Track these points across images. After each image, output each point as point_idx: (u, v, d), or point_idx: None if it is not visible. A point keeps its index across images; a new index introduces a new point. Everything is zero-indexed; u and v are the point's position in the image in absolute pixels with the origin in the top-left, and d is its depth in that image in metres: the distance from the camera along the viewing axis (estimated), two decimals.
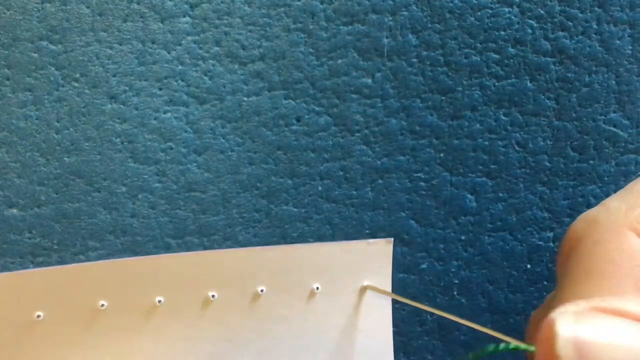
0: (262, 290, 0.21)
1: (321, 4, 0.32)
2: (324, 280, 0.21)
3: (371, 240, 0.21)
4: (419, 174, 0.33)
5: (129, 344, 0.21)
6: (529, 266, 0.35)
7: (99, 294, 0.20)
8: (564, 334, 0.15)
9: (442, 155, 0.33)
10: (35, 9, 0.31)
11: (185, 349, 0.21)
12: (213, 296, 0.20)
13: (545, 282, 0.35)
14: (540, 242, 0.35)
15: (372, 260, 0.21)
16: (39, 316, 0.20)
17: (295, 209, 0.33)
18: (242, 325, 0.21)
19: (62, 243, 0.32)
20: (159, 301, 0.20)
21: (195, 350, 0.21)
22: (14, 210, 0.32)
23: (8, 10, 0.31)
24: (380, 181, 0.33)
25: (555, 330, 0.15)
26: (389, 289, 0.21)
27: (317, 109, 0.32)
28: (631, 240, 0.17)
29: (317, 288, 0.21)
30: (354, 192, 0.33)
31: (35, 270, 0.20)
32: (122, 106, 0.32)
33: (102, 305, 0.20)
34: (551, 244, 0.35)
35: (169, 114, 0.32)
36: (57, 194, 0.32)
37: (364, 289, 0.21)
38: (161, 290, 0.21)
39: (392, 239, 0.21)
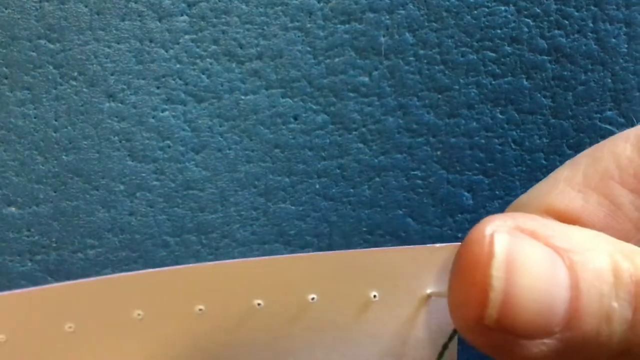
0: (313, 299, 0.19)
1: (318, 2, 0.32)
2: (383, 288, 0.19)
3: (438, 245, 0.19)
4: (415, 172, 0.34)
5: (165, 353, 0.20)
6: None
7: (135, 304, 0.19)
8: (500, 248, 0.16)
9: (438, 153, 0.33)
10: (33, 8, 0.31)
11: (227, 358, 0.20)
12: (259, 304, 0.19)
13: None
14: None
15: (438, 267, 0.19)
16: (70, 327, 0.19)
17: (292, 207, 0.33)
18: (289, 334, 0.19)
19: (61, 241, 0.32)
20: (200, 310, 0.20)
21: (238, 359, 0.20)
22: (12, 209, 0.32)
23: (6, 9, 0.31)
24: (377, 179, 0.33)
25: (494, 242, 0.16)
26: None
27: (314, 107, 0.33)
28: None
29: (375, 296, 0.19)
30: (351, 190, 0.33)
31: (65, 284, 0.20)
32: (120, 105, 0.32)
33: (139, 315, 0.19)
34: None
35: (166, 113, 0.32)
36: (55, 192, 0.32)
37: (427, 297, 0.19)
38: (202, 300, 0.20)
39: (460, 243, 0.19)
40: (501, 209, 0.35)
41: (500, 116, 0.34)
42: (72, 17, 0.31)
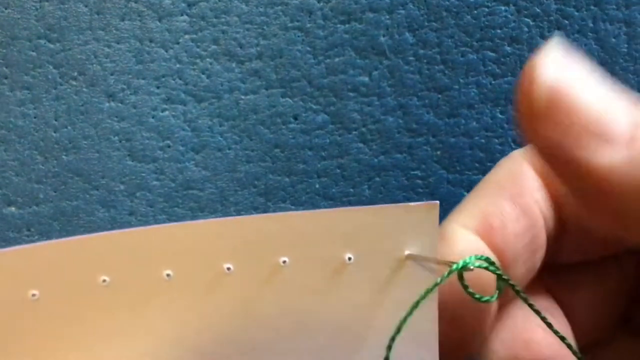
0: (284, 262, 0.18)
1: (318, 2, 0.32)
2: (357, 250, 0.18)
3: (412, 204, 0.18)
4: (415, 172, 0.34)
5: (132, 320, 0.19)
6: None
7: (100, 270, 0.19)
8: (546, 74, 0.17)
9: (438, 153, 0.33)
10: (34, 8, 0.31)
11: (195, 326, 0.19)
12: (228, 269, 0.18)
13: None
14: None
15: (413, 227, 0.18)
16: (34, 295, 0.18)
17: (292, 207, 0.33)
18: (260, 299, 0.19)
19: None
20: (168, 275, 0.19)
21: (207, 326, 0.19)
22: (13, 208, 0.32)
23: (6, 9, 0.31)
24: (377, 179, 0.33)
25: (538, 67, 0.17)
26: (435, 259, 0.19)
27: (314, 107, 0.33)
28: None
29: (350, 259, 0.18)
30: (351, 190, 0.33)
31: (30, 246, 0.19)
32: (120, 104, 0.32)
33: (104, 281, 0.19)
34: None
35: (166, 112, 0.32)
36: (55, 192, 0.32)
37: (404, 259, 0.19)
38: (169, 263, 0.19)
39: (437, 202, 0.18)
40: None
41: (500, 116, 0.34)
42: (72, 17, 0.31)
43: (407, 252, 0.18)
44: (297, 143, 0.33)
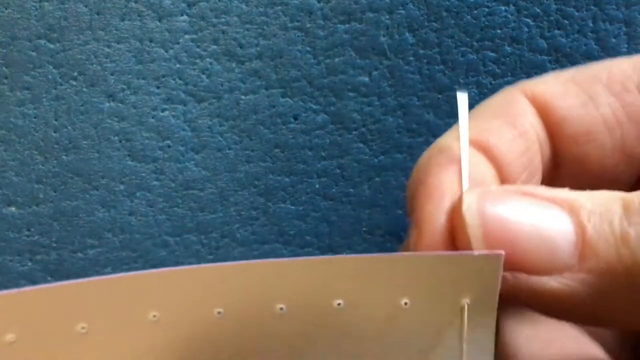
0: (339, 304, 0.18)
1: (318, 2, 0.32)
2: (415, 295, 0.18)
3: (476, 253, 0.18)
4: None
5: (182, 358, 0.19)
6: None
7: (150, 305, 0.18)
8: (471, 207, 0.16)
9: None
10: (34, 8, 0.31)
11: None
12: (281, 309, 0.18)
13: None
14: None
15: (475, 276, 0.18)
16: (83, 328, 0.18)
17: (292, 207, 0.33)
18: (313, 340, 0.18)
19: (61, 241, 0.32)
20: (219, 312, 0.18)
21: None
22: (13, 208, 0.32)
23: (6, 9, 0.31)
24: (377, 179, 0.33)
25: (463, 204, 0.16)
26: (494, 309, 0.18)
27: (314, 107, 0.33)
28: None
29: (406, 304, 0.18)
30: (351, 190, 0.33)
31: (77, 282, 0.18)
32: (120, 104, 0.32)
33: (154, 316, 0.18)
34: None
35: (166, 112, 0.32)
36: (55, 192, 0.32)
37: (462, 308, 0.18)
38: (222, 303, 0.18)
39: (502, 253, 0.17)
40: None
41: None
42: (72, 17, 0.31)
43: (466, 301, 0.18)
44: (297, 143, 0.33)
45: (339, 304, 0.18)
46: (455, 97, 0.19)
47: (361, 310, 0.18)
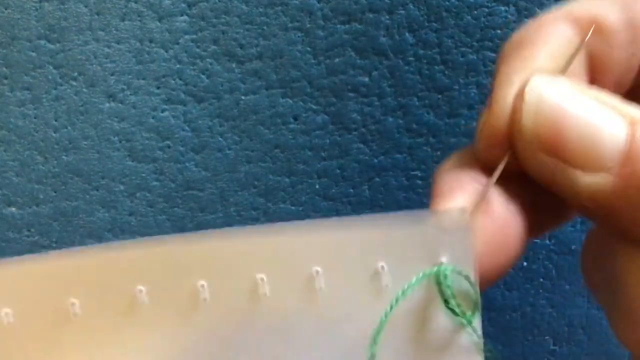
0: (317, 272, 0.19)
1: (318, 2, 0.32)
2: (390, 259, 0.18)
3: (444, 210, 0.18)
4: (415, 172, 0.34)
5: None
6: (525, 264, 0.35)
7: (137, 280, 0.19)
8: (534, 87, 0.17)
9: (438, 153, 0.33)
10: (34, 8, 0.31)
11: (240, 336, 0.19)
12: (262, 279, 0.18)
13: (542, 279, 0.35)
14: (536, 240, 0.35)
15: (449, 235, 0.18)
16: (73, 304, 0.19)
17: (292, 207, 0.33)
18: (296, 308, 0.19)
19: (61, 241, 0.32)
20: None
21: (247, 339, 0.19)
22: (13, 209, 0.32)
23: (6, 10, 0.31)
24: (377, 179, 0.33)
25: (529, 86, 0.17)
26: (471, 266, 0.18)
27: (314, 107, 0.33)
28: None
29: (383, 267, 0.19)
30: (351, 190, 0.33)
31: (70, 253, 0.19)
32: (120, 105, 0.32)
33: (140, 290, 0.19)
34: (547, 241, 0.35)
35: (166, 113, 0.32)
36: (55, 192, 0.32)
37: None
38: (203, 276, 0.19)
39: (466, 206, 0.18)
40: None
41: None
42: (72, 17, 0.31)
43: (443, 260, 0.18)
44: (297, 143, 0.33)
45: (317, 272, 0.18)
46: (455, 97, 0.19)
47: (338, 276, 0.18)
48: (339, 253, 0.18)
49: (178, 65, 0.32)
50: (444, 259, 0.18)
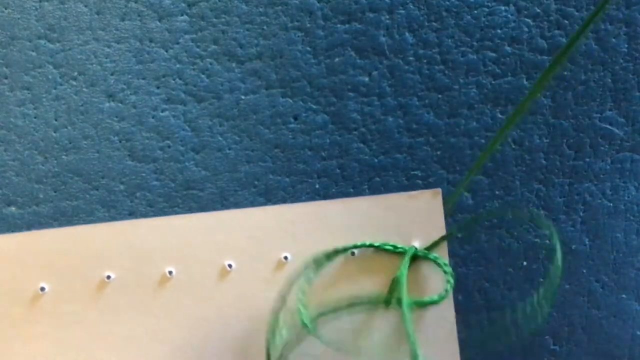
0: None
1: (318, 2, 0.32)
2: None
3: (414, 193, 0.18)
4: (415, 172, 0.34)
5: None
6: (525, 263, 0.35)
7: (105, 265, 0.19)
8: None
9: (438, 153, 0.33)
10: (34, 8, 0.31)
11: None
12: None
13: (542, 279, 0.35)
14: (536, 240, 0.35)
15: (418, 216, 0.18)
16: (42, 289, 0.19)
17: None
18: (264, 292, 0.19)
19: None
20: (170, 272, 0.19)
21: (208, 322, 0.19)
22: (13, 208, 0.32)
23: (6, 9, 0.31)
24: (377, 179, 0.33)
25: None
26: (444, 248, 0.18)
27: (314, 107, 0.33)
28: None
29: (352, 254, 0.18)
30: (351, 190, 0.33)
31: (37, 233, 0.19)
32: (120, 104, 0.32)
33: (108, 277, 0.19)
34: (547, 241, 0.35)
35: (166, 112, 0.32)
36: (55, 192, 0.32)
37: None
38: (171, 261, 0.19)
39: (440, 190, 0.17)
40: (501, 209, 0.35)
41: (500, 116, 0.34)
42: (72, 17, 0.31)
43: (415, 244, 0.18)
44: (297, 143, 0.33)
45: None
46: (455, 97, 0.19)
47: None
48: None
49: (178, 65, 0.32)
50: (416, 243, 0.18)
